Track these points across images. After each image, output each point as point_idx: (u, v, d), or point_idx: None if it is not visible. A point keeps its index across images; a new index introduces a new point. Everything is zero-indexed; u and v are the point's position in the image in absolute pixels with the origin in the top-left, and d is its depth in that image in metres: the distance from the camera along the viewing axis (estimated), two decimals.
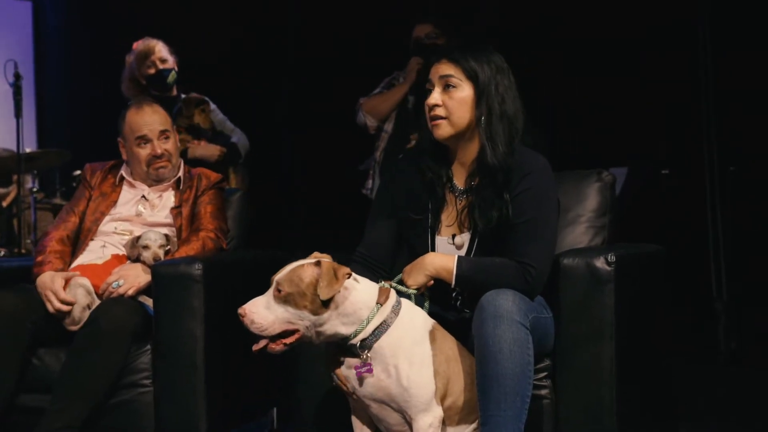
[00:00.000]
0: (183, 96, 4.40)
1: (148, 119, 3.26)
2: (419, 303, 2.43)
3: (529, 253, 2.41)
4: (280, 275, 2.26)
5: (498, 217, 2.46)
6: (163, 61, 4.32)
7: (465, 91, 2.51)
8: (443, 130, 2.53)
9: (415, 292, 2.44)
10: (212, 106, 4.49)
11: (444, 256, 2.47)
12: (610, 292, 2.45)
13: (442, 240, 2.57)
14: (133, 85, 4.37)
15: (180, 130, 4.22)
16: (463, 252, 2.54)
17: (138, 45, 4.37)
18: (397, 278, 2.48)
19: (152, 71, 4.31)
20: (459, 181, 2.60)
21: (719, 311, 4.60)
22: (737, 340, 4.56)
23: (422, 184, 2.60)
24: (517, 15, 5.23)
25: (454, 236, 2.55)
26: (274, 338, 2.26)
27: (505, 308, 2.29)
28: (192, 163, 3.96)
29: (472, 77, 2.50)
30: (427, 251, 2.56)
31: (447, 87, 2.52)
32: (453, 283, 2.44)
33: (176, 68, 4.34)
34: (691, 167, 4.88)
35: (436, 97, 2.52)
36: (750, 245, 4.83)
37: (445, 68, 2.53)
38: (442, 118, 2.52)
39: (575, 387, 2.46)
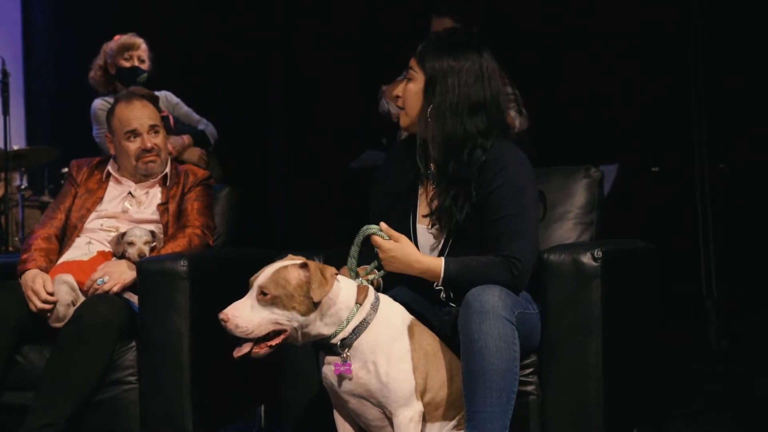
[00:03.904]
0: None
1: (138, 113, 3.24)
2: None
3: (513, 248, 2.41)
4: (262, 279, 2.25)
5: (467, 213, 2.47)
6: (142, 61, 4.34)
7: (418, 83, 2.53)
8: (402, 120, 2.59)
9: (384, 273, 2.44)
10: (175, 99, 4.46)
11: (429, 259, 2.46)
12: (596, 288, 2.44)
13: (422, 228, 2.58)
14: (102, 73, 4.38)
15: None
16: (440, 241, 2.53)
17: (122, 37, 4.36)
18: (373, 265, 2.46)
19: (128, 64, 4.31)
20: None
21: (709, 309, 4.60)
22: (727, 338, 4.57)
23: (407, 171, 2.61)
24: (513, 13, 5.24)
25: (433, 225, 2.55)
26: (258, 341, 2.25)
27: (491, 304, 2.28)
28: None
29: (424, 69, 2.52)
30: (409, 237, 2.54)
31: (408, 79, 2.56)
32: (440, 283, 2.44)
33: (148, 72, 4.34)
34: (682, 165, 4.89)
35: (399, 88, 2.58)
36: (740, 243, 4.83)
37: (411, 61, 2.57)
38: (402, 109, 2.58)
39: (562, 383, 2.46)
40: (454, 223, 2.48)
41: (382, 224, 2.45)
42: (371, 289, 2.36)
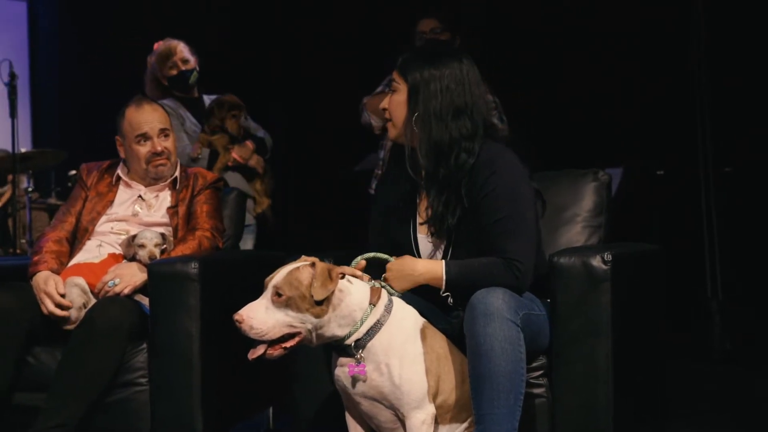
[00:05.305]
0: (216, 96, 4.31)
1: (149, 117, 3.26)
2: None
3: (513, 249, 2.42)
4: (277, 279, 2.26)
5: (460, 217, 2.49)
6: (185, 61, 4.25)
7: (402, 94, 2.56)
8: (391, 132, 2.63)
9: (398, 295, 2.46)
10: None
11: (430, 262, 2.48)
12: (606, 291, 2.45)
13: (422, 237, 2.60)
14: (155, 86, 4.30)
15: (215, 130, 4.20)
16: (441, 248, 2.55)
17: (159, 46, 4.29)
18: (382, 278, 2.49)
19: (174, 72, 4.24)
20: None
21: (714, 311, 4.61)
22: (731, 340, 4.57)
23: (406, 181, 2.63)
24: (516, 14, 5.25)
25: (432, 233, 2.57)
26: (272, 343, 2.26)
27: (496, 306, 2.30)
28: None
29: (406, 80, 2.55)
30: (410, 246, 2.59)
31: (392, 91, 2.59)
32: (443, 288, 2.46)
33: (197, 68, 4.28)
34: (685, 167, 4.90)
35: (385, 101, 2.60)
36: (744, 245, 4.84)
37: (394, 74, 2.60)
38: (390, 121, 2.61)
39: (571, 385, 2.47)
40: (446, 227, 2.51)
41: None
42: (384, 291, 2.38)
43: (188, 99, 4.31)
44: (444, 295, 2.49)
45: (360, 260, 2.48)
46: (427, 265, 2.47)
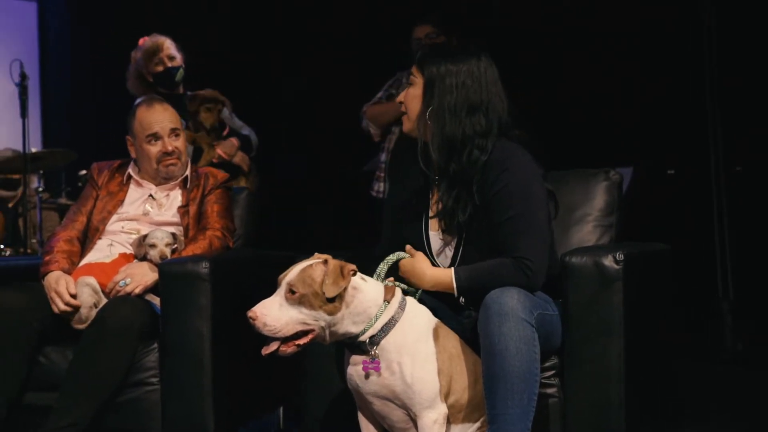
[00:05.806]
0: (189, 93, 4.33)
1: (159, 117, 3.27)
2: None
3: (523, 248, 2.42)
4: (291, 276, 2.26)
5: (471, 214, 2.49)
6: (171, 58, 4.25)
7: (418, 88, 2.58)
8: (405, 125, 2.63)
9: (414, 293, 2.47)
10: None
11: (440, 270, 2.49)
12: (618, 291, 2.45)
13: (433, 234, 2.60)
14: (139, 82, 4.29)
15: (198, 128, 4.20)
16: (452, 245, 2.55)
17: (145, 41, 4.28)
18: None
19: (160, 69, 4.24)
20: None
21: (725, 311, 4.60)
22: (742, 340, 4.56)
23: (418, 177, 2.64)
24: (524, 14, 5.24)
25: (443, 230, 2.58)
26: (285, 340, 2.26)
27: (510, 306, 2.30)
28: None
29: (423, 73, 2.56)
30: (421, 241, 2.59)
31: (408, 84, 2.61)
32: (456, 293, 2.46)
33: (183, 65, 4.28)
34: (698, 167, 4.88)
35: (402, 95, 2.62)
36: (755, 245, 4.83)
37: (413, 68, 2.61)
38: (405, 114, 2.62)
39: (583, 385, 2.46)
40: (457, 223, 2.51)
41: (408, 247, 2.52)
42: (398, 290, 2.38)
43: (173, 96, 4.29)
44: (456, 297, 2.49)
45: (384, 268, 2.47)
46: (437, 273, 2.47)
